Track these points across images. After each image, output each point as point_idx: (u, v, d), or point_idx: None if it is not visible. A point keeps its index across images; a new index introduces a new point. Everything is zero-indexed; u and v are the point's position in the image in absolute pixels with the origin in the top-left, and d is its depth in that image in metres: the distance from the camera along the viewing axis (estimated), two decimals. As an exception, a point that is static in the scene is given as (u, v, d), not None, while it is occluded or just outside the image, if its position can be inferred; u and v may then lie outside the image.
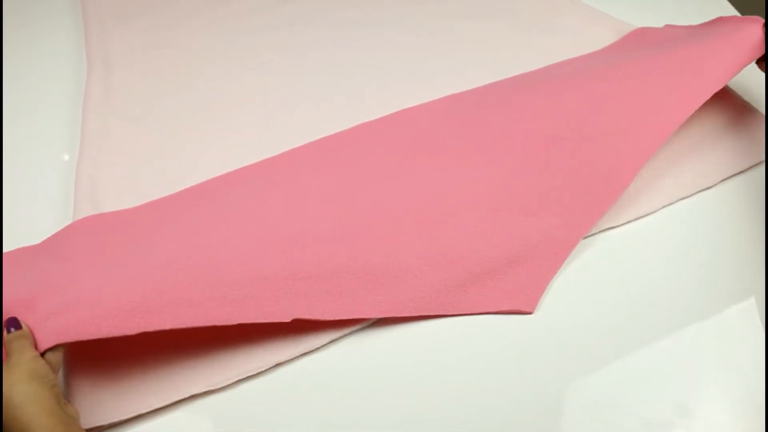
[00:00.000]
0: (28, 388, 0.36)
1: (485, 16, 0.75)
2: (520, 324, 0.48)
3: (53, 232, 0.54)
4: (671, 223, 0.54)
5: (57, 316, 0.40)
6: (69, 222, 0.54)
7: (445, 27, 0.74)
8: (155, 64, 0.71)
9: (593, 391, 0.44)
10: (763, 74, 0.61)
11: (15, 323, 0.40)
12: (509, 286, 0.49)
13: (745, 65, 0.55)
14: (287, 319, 0.45)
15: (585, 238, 0.52)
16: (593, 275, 0.51)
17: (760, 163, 0.58)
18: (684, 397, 0.44)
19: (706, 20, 0.65)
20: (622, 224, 0.53)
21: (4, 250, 0.53)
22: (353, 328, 0.47)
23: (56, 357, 0.40)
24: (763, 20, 0.56)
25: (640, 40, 0.66)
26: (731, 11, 0.75)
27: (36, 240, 0.54)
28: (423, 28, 0.74)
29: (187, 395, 0.44)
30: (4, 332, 0.39)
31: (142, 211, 0.54)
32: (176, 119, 0.64)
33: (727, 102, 0.62)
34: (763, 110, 0.61)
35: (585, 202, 0.51)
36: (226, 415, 0.44)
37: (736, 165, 0.57)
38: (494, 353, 0.46)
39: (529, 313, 0.48)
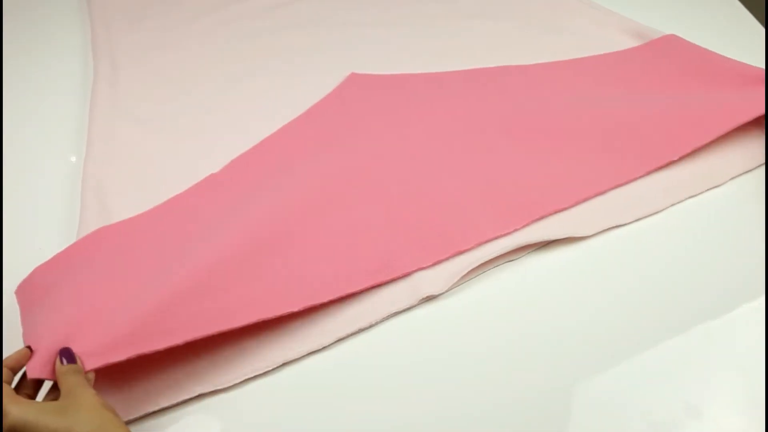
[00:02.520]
0: (108, 414, 0.36)
1: (494, 16, 0.75)
2: (526, 323, 0.48)
3: (60, 232, 0.55)
4: (679, 221, 0.53)
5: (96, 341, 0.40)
6: (76, 222, 0.54)
7: (452, 28, 0.74)
8: (162, 66, 0.71)
9: (601, 391, 0.44)
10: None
11: (69, 355, 0.39)
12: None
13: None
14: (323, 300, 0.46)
15: (592, 236, 0.52)
16: (600, 273, 0.50)
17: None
18: (693, 397, 0.43)
19: (715, 21, 0.65)
20: (629, 223, 0.53)
21: (10, 250, 0.54)
22: (360, 326, 0.47)
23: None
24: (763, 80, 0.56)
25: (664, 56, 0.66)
26: (742, 11, 0.75)
27: (41, 240, 0.54)
28: (431, 29, 0.74)
29: (194, 394, 0.44)
30: (58, 362, 0.38)
31: (152, 222, 0.53)
32: (182, 120, 0.64)
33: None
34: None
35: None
36: (234, 414, 0.43)
37: (743, 164, 0.57)
38: (501, 353, 0.46)
39: None
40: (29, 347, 0.40)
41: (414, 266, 0.49)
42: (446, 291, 0.49)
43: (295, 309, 0.45)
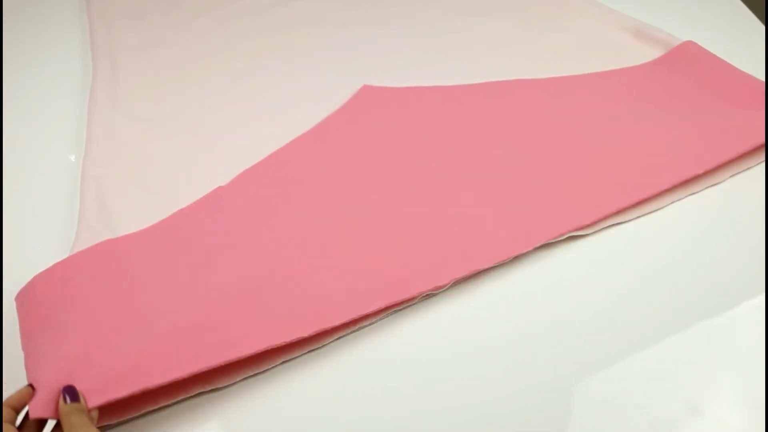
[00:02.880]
0: None
1: (494, 14, 0.75)
2: (528, 321, 0.47)
3: (59, 231, 0.54)
4: (679, 219, 0.53)
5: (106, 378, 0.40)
6: (75, 222, 0.54)
7: (453, 26, 0.74)
8: (161, 63, 0.71)
9: (602, 389, 0.44)
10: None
11: (73, 394, 0.38)
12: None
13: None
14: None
15: (591, 234, 0.52)
16: (600, 271, 0.50)
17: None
18: (695, 395, 0.43)
19: (716, 19, 0.67)
20: (630, 220, 0.53)
21: (9, 249, 0.54)
22: (360, 325, 0.47)
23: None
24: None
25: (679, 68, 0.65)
26: (743, 9, 0.75)
27: (41, 240, 0.54)
28: (431, 27, 0.74)
29: (194, 393, 0.44)
30: (61, 401, 0.38)
31: (158, 240, 0.52)
32: (182, 118, 0.64)
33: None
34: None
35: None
36: (234, 414, 0.44)
37: (745, 161, 0.57)
38: (502, 351, 0.46)
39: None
40: (31, 385, 0.39)
41: (430, 285, 0.47)
42: (445, 289, 0.49)
43: (305, 334, 0.44)
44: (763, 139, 0.55)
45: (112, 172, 0.59)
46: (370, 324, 0.47)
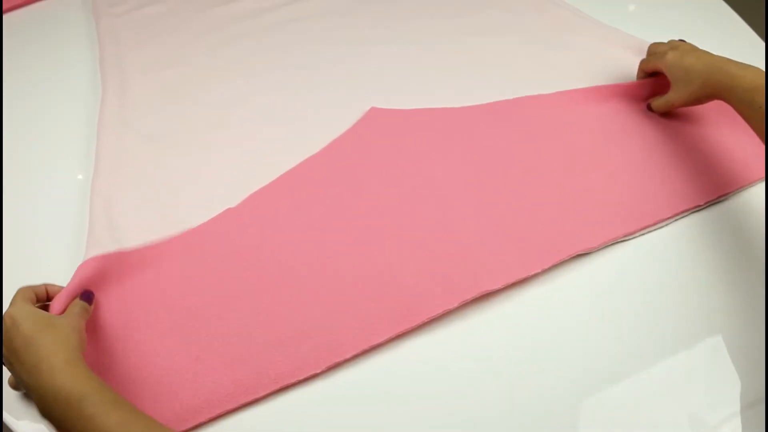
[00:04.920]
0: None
1: (496, 32, 0.76)
2: (532, 338, 0.48)
3: (68, 249, 0.55)
4: (683, 235, 0.54)
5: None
6: (84, 239, 0.55)
7: (456, 43, 0.75)
8: (169, 82, 0.72)
9: (607, 405, 0.44)
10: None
11: (88, 297, 0.47)
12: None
13: None
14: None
15: (598, 249, 0.53)
16: (606, 287, 0.51)
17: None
18: (699, 409, 0.43)
19: (715, 36, 0.68)
20: (635, 236, 0.54)
21: (19, 268, 0.54)
22: (378, 341, 0.48)
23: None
24: None
25: None
26: (739, 22, 0.75)
27: (49, 257, 0.55)
28: (435, 44, 0.75)
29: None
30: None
31: (165, 261, 0.53)
32: (190, 136, 0.65)
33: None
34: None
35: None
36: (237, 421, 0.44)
37: (749, 175, 0.57)
38: (508, 367, 0.46)
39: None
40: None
41: (439, 309, 0.48)
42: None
43: (318, 371, 0.46)
44: (763, 175, 0.56)
45: (122, 190, 0.59)
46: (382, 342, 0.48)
